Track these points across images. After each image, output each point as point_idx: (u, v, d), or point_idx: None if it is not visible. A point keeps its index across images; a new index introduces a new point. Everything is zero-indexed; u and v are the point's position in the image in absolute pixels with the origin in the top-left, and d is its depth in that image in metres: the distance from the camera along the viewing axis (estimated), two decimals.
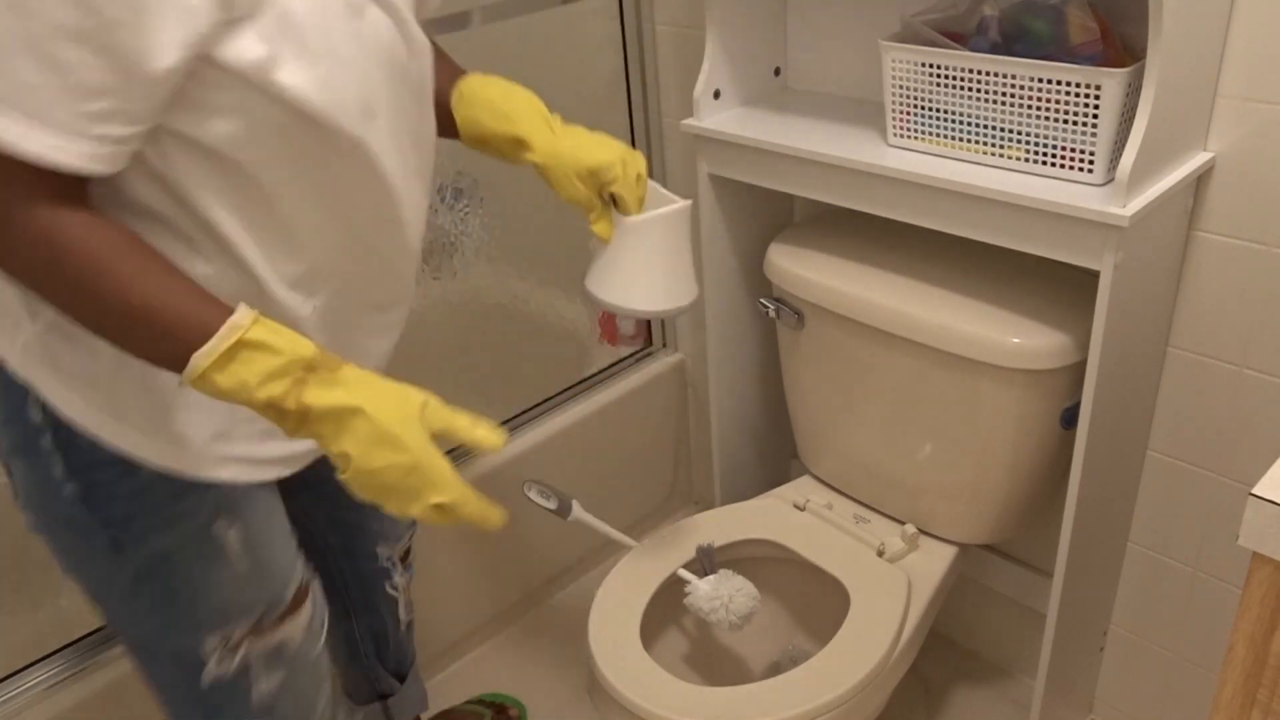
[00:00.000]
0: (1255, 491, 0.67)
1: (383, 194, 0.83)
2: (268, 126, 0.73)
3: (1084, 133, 1.02)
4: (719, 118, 1.35)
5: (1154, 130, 0.97)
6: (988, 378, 1.17)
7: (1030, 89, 1.04)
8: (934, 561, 1.32)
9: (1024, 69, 1.04)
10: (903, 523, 1.36)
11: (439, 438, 0.79)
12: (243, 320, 0.72)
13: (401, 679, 1.35)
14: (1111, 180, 1.01)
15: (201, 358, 0.71)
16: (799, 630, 1.45)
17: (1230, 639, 0.72)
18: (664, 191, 1.06)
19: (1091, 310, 1.04)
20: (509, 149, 1.02)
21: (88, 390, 0.81)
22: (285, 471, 0.94)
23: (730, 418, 1.58)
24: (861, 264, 1.28)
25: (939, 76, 1.11)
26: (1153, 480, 1.29)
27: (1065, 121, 1.03)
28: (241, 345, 0.72)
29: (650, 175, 1.76)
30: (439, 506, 0.79)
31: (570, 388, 1.78)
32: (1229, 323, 1.15)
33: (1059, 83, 1.02)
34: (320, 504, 1.14)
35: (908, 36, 1.15)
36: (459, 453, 1.62)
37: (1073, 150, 1.04)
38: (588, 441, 1.77)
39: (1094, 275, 1.02)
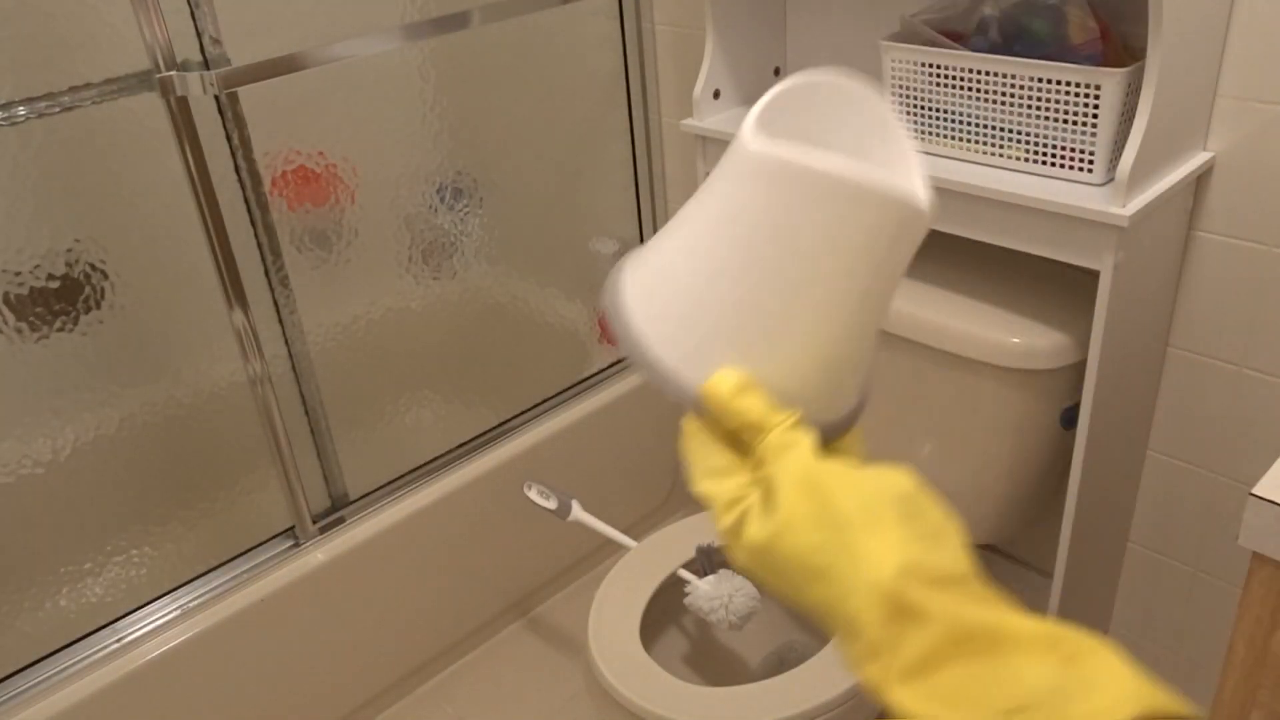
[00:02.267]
0: (1255, 491, 0.67)
1: None
2: None
3: (1084, 133, 1.02)
4: (719, 118, 1.35)
5: (1154, 130, 0.97)
6: (988, 378, 1.16)
7: (1030, 89, 1.04)
8: None
9: (1024, 69, 1.04)
10: None
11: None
12: None
13: None
14: (1111, 180, 1.01)
15: None
16: (798, 630, 1.45)
17: (1230, 639, 0.71)
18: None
19: (1091, 310, 1.04)
20: None
21: None
22: None
23: None
24: None
25: (939, 76, 1.11)
26: (1153, 480, 1.29)
27: (1065, 121, 1.03)
28: None
29: (649, 175, 1.77)
30: None
31: (570, 388, 1.78)
32: (1229, 323, 1.15)
33: (1059, 83, 1.02)
34: None
35: (907, 36, 1.15)
36: (459, 451, 1.62)
37: (1072, 150, 1.04)
38: (588, 441, 1.77)
39: (1094, 275, 1.02)
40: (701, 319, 0.46)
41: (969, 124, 1.10)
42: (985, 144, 1.10)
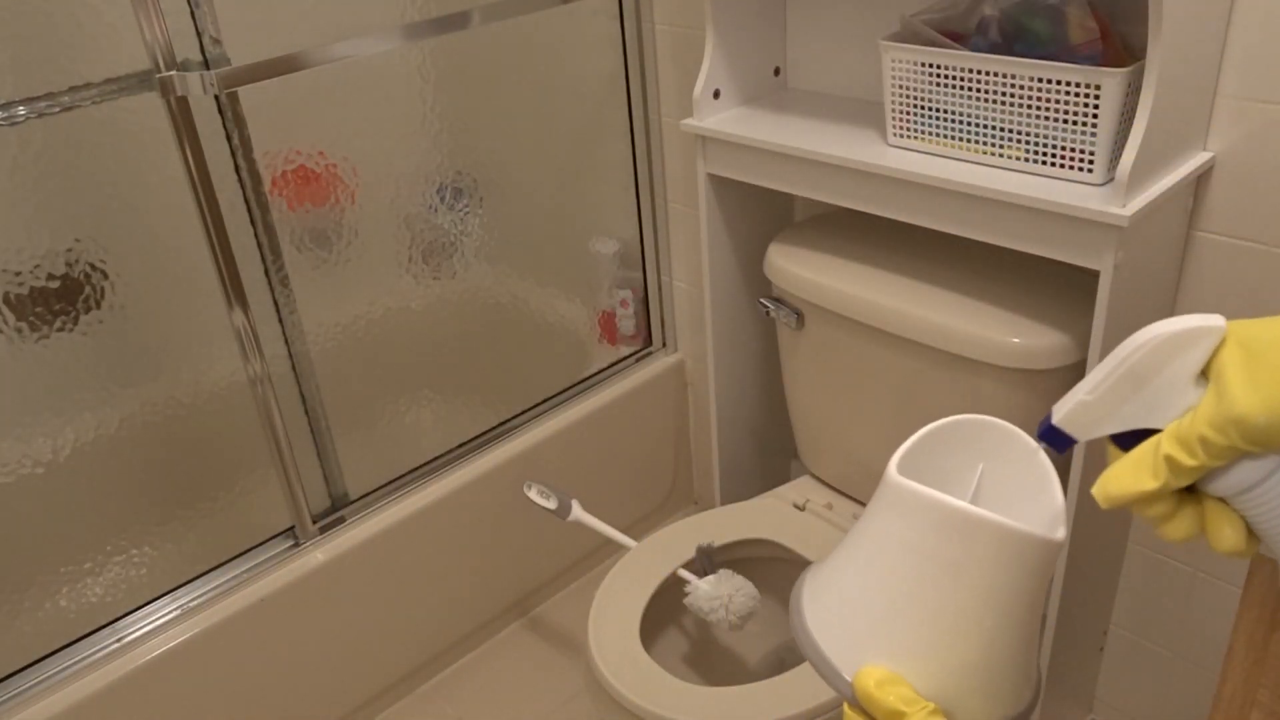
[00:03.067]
0: None
1: None
2: None
3: (1084, 132, 1.02)
4: (719, 117, 1.35)
5: (1154, 130, 0.97)
6: (988, 378, 1.16)
7: (1030, 89, 1.04)
8: None
9: (1024, 69, 1.04)
10: None
11: None
12: None
13: None
14: (1111, 180, 1.01)
15: None
16: None
17: (1230, 639, 0.71)
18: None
19: (1091, 310, 1.04)
20: None
21: None
22: None
23: (730, 418, 1.58)
24: (861, 264, 1.28)
25: (939, 76, 1.11)
26: None
27: (1065, 121, 1.03)
28: None
29: (649, 175, 1.77)
30: None
31: (570, 388, 1.78)
32: None
33: (1059, 82, 1.02)
34: None
35: (907, 36, 1.15)
36: (459, 451, 1.62)
37: (1072, 150, 1.04)
38: (588, 441, 1.77)
39: (1094, 275, 1.02)
40: (855, 623, 0.54)
41: (969, 124, 1.10)
42: (985, 144, 1.10)
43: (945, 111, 1.12)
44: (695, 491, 2.02)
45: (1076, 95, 1.01)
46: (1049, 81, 1.02)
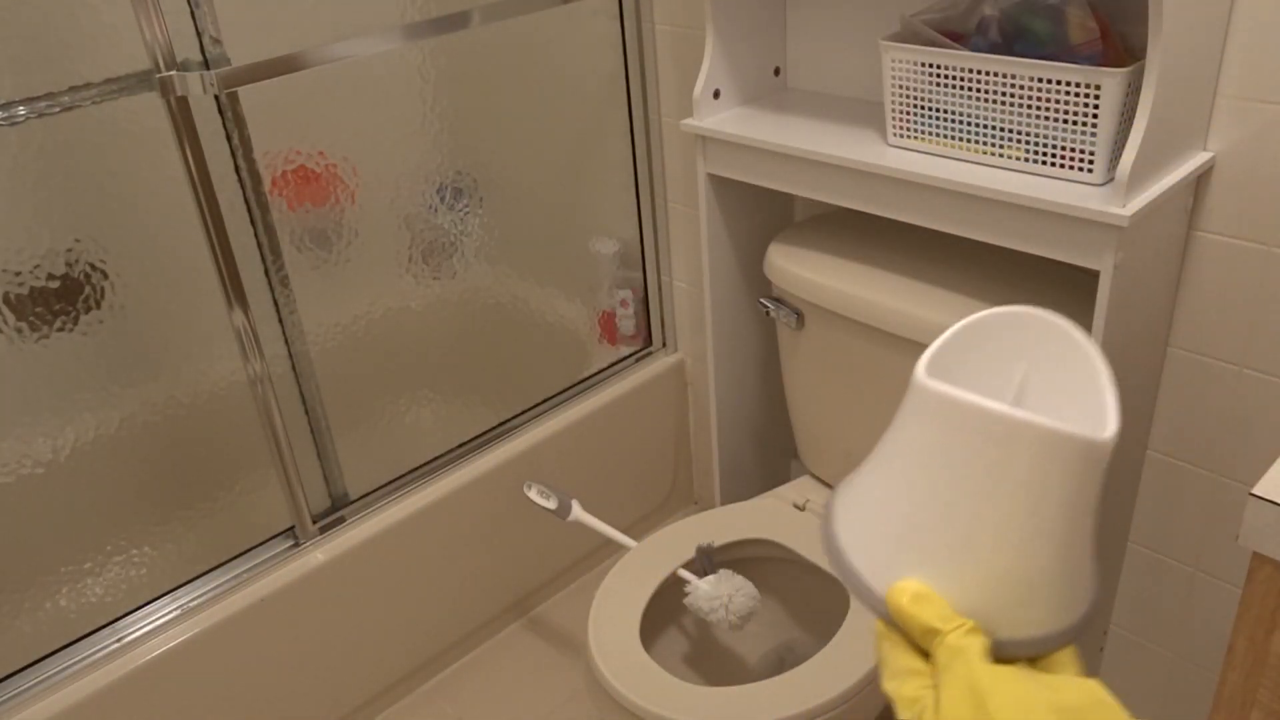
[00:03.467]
0: (1255, 491, 0.67)
1: None
2: None
3: (1084, 132, 1.02)
4: (719, 117, 1.35)
5: (1154, 130, 0.97)
6: None
7: (1030, 89, 1.04)
8: None
9: (1024, 69, 1.04)
10: None
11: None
12: None
13: None
14: (1111, 180, 1.01)
15: None
16: (799, 630, 1.45)
17: (1230, 639, 0.71)
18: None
19: (1091, 310, 1.04)
20: None
21: None
22: None
23: (730, 418, 1.58)
24: (861, 264, 1.28)
25: (939, 76, 1.11)
26: (1153, 480, 1.29)
27: (1065, 121, 1.03)
28: None
29: (649, 175, 1.77)
30: None
31: (570, 388, 1.78)
32: (1229, 323, 1.15)
33: (1059, 82, 1.02)
34: None
35: (907, 36, 1.15)
36: (459, 451, 1.62)
37: (1072, 150, 1.04)
38: (588, 441, 1.77)
39: (1094, 275, 1.02)
40: (888, 537, 0.51)
41: (969, 124, 1.10)
42: (985, 144, 1.10)
43: (945, 111, 1.12)
44: (695, 491, 2.02)
45: (1076, 95, 1.01)
46: (1049, 81, 1.02)
